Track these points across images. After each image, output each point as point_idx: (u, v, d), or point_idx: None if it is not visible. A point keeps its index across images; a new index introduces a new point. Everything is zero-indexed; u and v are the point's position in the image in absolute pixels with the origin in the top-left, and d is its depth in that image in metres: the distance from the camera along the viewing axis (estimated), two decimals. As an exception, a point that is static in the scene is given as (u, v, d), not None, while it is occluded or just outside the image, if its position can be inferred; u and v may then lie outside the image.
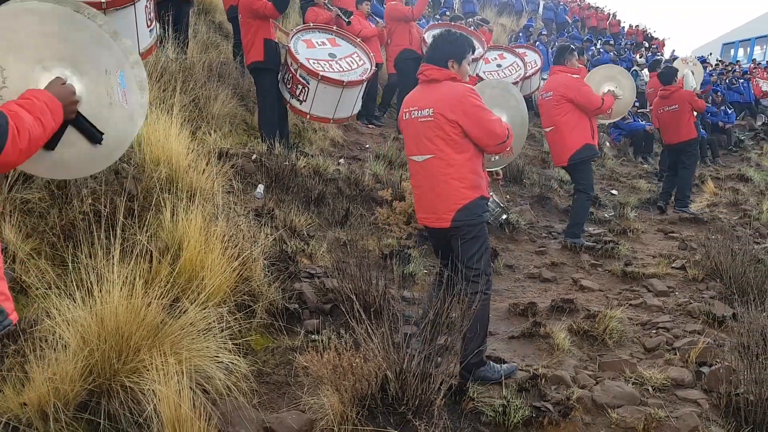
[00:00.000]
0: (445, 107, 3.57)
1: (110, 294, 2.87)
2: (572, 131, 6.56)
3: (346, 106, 6.73)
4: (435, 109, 3.60)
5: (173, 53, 6.47)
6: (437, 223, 3.72)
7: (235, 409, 2.94)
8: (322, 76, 6.31)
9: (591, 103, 6.60)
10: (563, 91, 6.57)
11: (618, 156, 12.51)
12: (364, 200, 6.51)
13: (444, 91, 3.63)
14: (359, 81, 6.59)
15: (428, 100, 3.66)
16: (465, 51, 3.77)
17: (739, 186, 11.03)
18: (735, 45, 35.30)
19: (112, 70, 2.50)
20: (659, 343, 4.31)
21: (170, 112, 4.68)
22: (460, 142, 3.60)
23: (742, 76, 18.98)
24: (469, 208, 3.62)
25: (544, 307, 4.98)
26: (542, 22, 22.92)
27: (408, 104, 3.79)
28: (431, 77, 3.70)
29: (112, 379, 2.76)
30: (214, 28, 9.32)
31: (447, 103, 3.58)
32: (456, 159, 3.60)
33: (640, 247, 7.26)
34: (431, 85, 3.71)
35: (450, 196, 3.62)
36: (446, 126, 3.57)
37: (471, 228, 3.65)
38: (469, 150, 3.63)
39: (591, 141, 6.67)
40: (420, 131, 3.68)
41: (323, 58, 6.68)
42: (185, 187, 4.21)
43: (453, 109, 3.56)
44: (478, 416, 3.22)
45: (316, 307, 4.18)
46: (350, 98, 6.68)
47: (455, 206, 3.61)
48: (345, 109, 6.74)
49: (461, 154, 3.61)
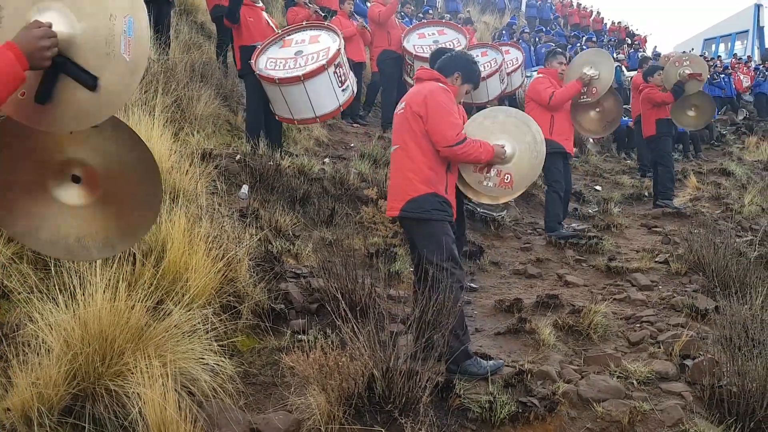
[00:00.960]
0: (413, 100, 3.79)
1: (93, 297, 2.86)
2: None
3: (324, 99, 6.37)
4: (406, 103, 3.84)
5: (155, 54, 6.42)
6: (390, 212, 3.92)
7: (222, 410, 2.93)
8: (278, 79, 6.19)
9: (541, 100, 6.91)
10: (527, 92, 7.20)
11: (601, 152, 12.60)
12: (350, 199, 6.51)
13: (421, 87, 3.86)
14: (317, 70, 6.18)
15: (407, 96, 3.94)
16: (473, 76, 4.03)
17: (721, 180, 11.14)
18: (716, 41, 35.61)
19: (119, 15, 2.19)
20: (643, 336, 4.34)
21: (152, 113, 4.65)
22: (421, 137, 3.76)
23: (723, 72, 19.17)
24: (417, 201, 3.73)
25: (530, 303, 5.01)
26: (525, 19, 23.02)
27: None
28: (419, 76, 3.98)
29: (96, 383, 2.75)
30: (196, 29, 9.27)
31: (416, 97, 3.80)
32: (415, 153, 3.77)
33: (624, 242, 7.32)
34: (417, 83, 3.96)
35: (402, 187, 3.79)
36: (411, 118, 3.77)
37: (420, 224, 3.77)
38: (430, 146, 3.78)
39: (552, 137, 6.76)
40: (396, 123, 3.95)
41: (289, 57, 6.51)
42: (168, 189, 4.19)
43: (419, 102, 3.75)
44: (464, 413, 3.24)
45: (303, 307, 4.17)
46: (320, 90, 6.32)
47: (406, 197, 3.76)
48: (325, 103, 6.39)
49: (421, 149, 3.76)
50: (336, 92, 6.44)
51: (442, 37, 9.75)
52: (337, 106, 6.53)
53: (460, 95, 4.02)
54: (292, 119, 6.51)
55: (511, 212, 7.70)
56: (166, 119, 5.03)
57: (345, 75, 6.53)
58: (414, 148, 3.76)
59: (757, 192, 10.03)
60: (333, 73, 6.34)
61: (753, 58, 27.60)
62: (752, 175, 12.05)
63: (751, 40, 32.66)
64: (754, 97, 19.13)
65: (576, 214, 8.38)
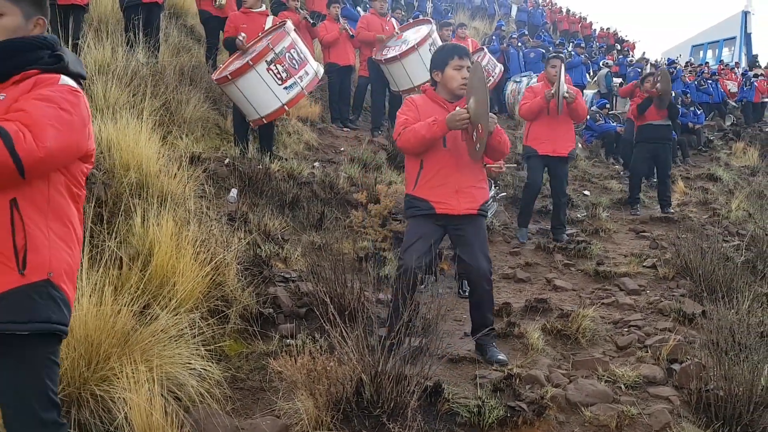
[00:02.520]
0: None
1: (79, 302, 2.83)
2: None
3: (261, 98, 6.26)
4: None
5: (144, 57, 6.40)
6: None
7: (208, 415, 2.91)
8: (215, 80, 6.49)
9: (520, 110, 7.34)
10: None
11: (590, 157, 12.65)
12: (339, 203, 6.50)
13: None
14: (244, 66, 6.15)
15: None
16: (445, 57, 3.93)
17: (709, 185, 11.22)
18: (704, 47, 35.94)
19: None
20: (631, 341, 4.36)
21: (140, 116, 4.63)
22: None
23: (710, 78, 19.33)
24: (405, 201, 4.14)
25: (519, 307, 5.02)
26: (515, 24, 23.12)
27: None
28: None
29: (81, 388, 2.72)
30: (185, 32, 9.25)
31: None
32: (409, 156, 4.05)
33: (612, 247, 7.35)
34: None
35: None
36: None
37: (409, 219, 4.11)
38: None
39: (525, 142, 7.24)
40: None
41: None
42: (156, 192, 4.16)
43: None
44: (453, 417, 3.23)
45: (291, 312, 4.15)
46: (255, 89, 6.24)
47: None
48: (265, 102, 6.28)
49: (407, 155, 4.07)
50: (274, 90, 6.23)
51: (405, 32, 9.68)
52: (279, 105, 6.31)
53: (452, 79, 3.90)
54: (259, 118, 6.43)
55: (500, 217, 7.71)
56: (155, 122, 5.01)
57: (287, 71, 6.26)
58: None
59: (744, 197, 10.12)
60: (266, 70, 6.17)
61: (740, 64, 27.86)
62: (739, 180, 12.15)
63: (738, 46, 32.98)
64: (742, 104, 19.29)
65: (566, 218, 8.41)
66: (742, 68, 24.66)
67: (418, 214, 3.92)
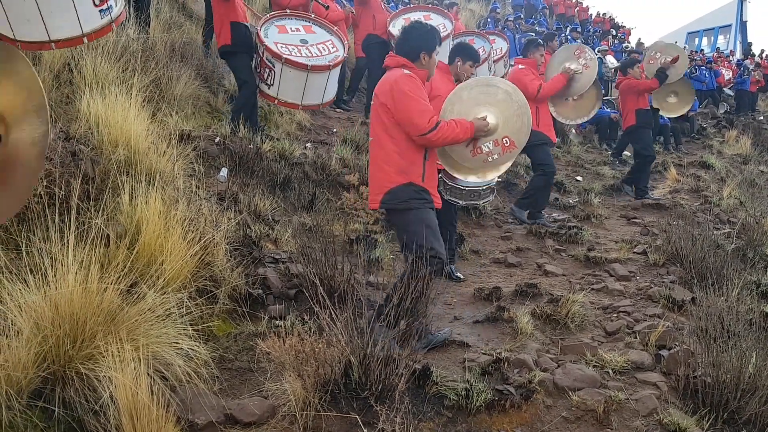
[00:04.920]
0: (381, 91, 3.80)
1: (65, 279, 2.79)
2: None
3: (314, 92, 6.57)
4: (375, 93, 3.85)
5: (134, 33, 6.29)
6: (371, 204, 3.93)
7: (195, 395, 2.89)
8: (285, 59, 6.21)
9: (527, 91, 6.83)
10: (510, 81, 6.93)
11: (583, 143, 12.65)
12: (331, 185, 6.46)
13: (386, 77, 3.83)
14: (325, 66, 6.47)
15: (377, 86, 3.90)
16: (435, 44, 3.94)
17: (701, 173, 11.24)
18: (699, 34, 35.88)
19: None
20: (620, 326, 4.37)
21: (129, 92, 4.55)
22: (391, 127, 3.76)
23: (705, 65, 19.30)
24: (394, 193, 3.77)
25: (509, 291, 5.01)
26: (512, 8, 22.94)
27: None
28: (386, 64, 3.92)
29: (66, 366, 2.69)
30: (177, 8, 9.10)
31: (382, 88, 3.80)
32: (387, 143, 3.78)
33: (603, 233, 7.36)
34: (386, 72, 3.90)
35: (380, 179, 3.82)
36: (380, 110, 3.79)
37: (400, 213, 3.83)
38: (402, 135, 3.76)
39: (537, 128, 6.84)
40: (371, 115, 3.96)
41: (293, 43, 6.56)
42: (144, 170, 4.11)
43: (385, 93, 3.75)
44: (441, 400, 3.22)
45: (281, 293, 4.13)
46: (318, 84, 6.54)
47: (383, 189, 3.80)
48: (313, 96, 6.59)
49: (393, 139, 3.76)
50: (327, 90, 6.65)
51: (428, 22, 9.68)
52: (320, 102, 6.75)
53: (434, 66, 4.01)
54: (273, 97, 6.52)
55: (492, 201, 7.70)
56: (144, 99, 4.93)
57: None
58: (386, 139, 3.77)
59: (735, 185, 10.15)
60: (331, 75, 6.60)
61: (735, 52, 27.84)
62: (731, 168, 12.19)
63: (733, 34, 32.95)
64: (736, 93, 19.29)
65: (557, 204, 8.41)
66: (737, 57, 24.65)
67: (427, 206, 3.85)
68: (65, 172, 3.69)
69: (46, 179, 3.54)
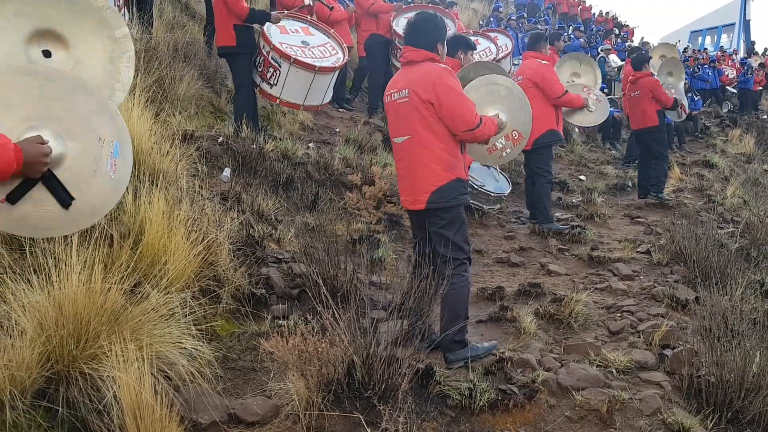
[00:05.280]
0: (420, 87, 3.60)
1: (69, 279, 2.80)
2: (539, 115, 6.69)
3: (317, 94, 6.60)
4: (410, 90, 3.63)
5: (137, 33, 6.30)
6: (414, 205, 3.75)
7: (199, 395, 2.90)
8: (294, 60, 6.22)
9: (553, 91, 6.82)
10: (530, 75, 6.82)
11: (586, 142, 12.63)
12: (334, 184, 6.46)
13: (421, 72, 3.65)
14: (331, 68, 6.49)
15: (405, 82, 3.70)
16: (446, 33, 3.88)
17: (704, 172, 11.23)
18: (702, 33, 35.79)
19: (107, 140, 2.56)
20: (623, 326, 4.36)
21: (132, 92, 4.55)
22: (434, 123, 3.62)
23: (708, 64, 19.25)
24: (444, 190, 3.64)
25: (512, 291, 5.01)
26: (514, 6, 22.93)
27: (389, 86, 3.85)
28: (409, 59, 3.73)
29: (70, 366, 2.70)
30: (180, 8, 9.11)
31: (422, 83, 3.60)
32: (431, 140, 3.63)
33: (607, 232, 7.35)
34: (410, 67, 3.74)
35: (426, 178, 3.65)
36: (420, 106, 3.60)
37: (446, 211, 3.69)
38: (445, 131, 3.65)
39: (555, 127, 6.90)
40: (399, 112, 3.72)
41: (296, 44, 6.59)
42: (148, 170, 4.12)
43: (427, 89, 3.58)
44: (444, 399, 3.23)
45: (284, 293, 4.13)
46: (322, 85, 6.58)
47: (431, 188, 3.64)
48: (316, 97, 6.61)
49: (436, 135, 3.63)
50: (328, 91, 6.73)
51: None
52: (321, 103, 6.79)
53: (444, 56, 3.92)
54: (276, 97, 6.52)
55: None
56: (147, 99, 4.94)
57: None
58: (428, 137, 3.62)
59: (739, 184, 10.13)
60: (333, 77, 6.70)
61: (738, 51, 27.76)
62: (735, 167, 12.16)
63: (737, 33, 32.86)
64: (739, 91, 19.24)
65: (560, 204, 8.40)
66: (740, 55, 24.58)
67: (468, 201, 3.86)
68: (69, 172, 3.69)
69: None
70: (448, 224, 3.70)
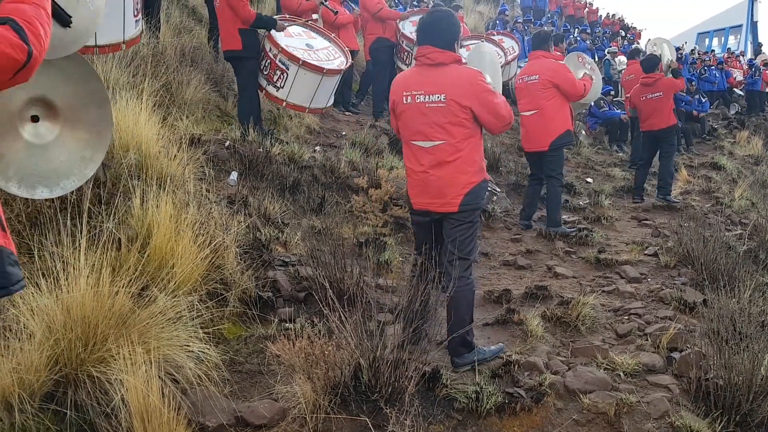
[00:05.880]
0: (459, 93, 3.54)
1: (77, 282, 2.82)
2: (556, 116, 6.72)
3: (323, 96, 6.64)
4: (448, 95, 3.54)
5: (144, 38, 6.33)
6: (444, 208, 3.68)
7: (206, 398, 2.91)
8: (303, 62, 6.24)
9: (576, 90, 6.77)
10: (550, 76, 6.69)
11: (593, 144, 12.59)
12: (340, 188, 6.47)
13: (455, 75, 3.58)
14: (338, 70, 6.53)
15: (438, 85, 3.58)
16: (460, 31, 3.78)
17: (712, 174, 11.18)
18: (709, 35, 35.69)
19: None
20: (631, 329, 4.34)
21: (140, 96, 4.58)
22: (470, 127, 3.61)
23: (716, 66, 19.17)
24: (475, 192, 3.67)
25: (519, 294, 5.00)
26: (520, 9, 22.92)
27: (407, 87, 3.69)
28: (437, 60, 3.60)
29: (78, 369, 2.72)
30: (187, 13, 9.17)
31: (460, 89, 3.55)
32: (465, 144, 3.62)
33: (614, 235, 7.32)
34: (437, 68, 3.61)
35: (460, 180, 3.63)
36: (459, 112, 3.55)
37: (473, 213, 3.72)
38: (477, 134, 3.68)
39: (570, 127, 6.89)
40: (427, 117, 3.61)
41: (301, 47, 6.61)
42: (155, 174, 4.13)
43: (466, 94, 3.54)
44: (451, 403, 3.22)
45: (290, 296, 4.14)
46: (327, 88, 6.61)
47: (464, 190, 3.63)
48: (321, 99, 6.65)
49: (470, 139, 3.63)
50: (332, 94, 6.75)
51: None
52: (325, 106, 6.86)
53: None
54: (282, 100, 6.54)
55: (502, 203, 7.68)
56: (155, 103, 4.96)
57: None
58: (462, 140, 3.60)
59: (747, 186, 10.08)
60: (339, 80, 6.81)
61: (746, 53, 27.65)
62: (743, 169, 12.11)
63: (744, 34, 32.74)
64: (746, 93, 19.16)
65: (567, 206, 8.38)
66: (747, 57, 24.48)
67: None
68: (77, 176, 3.72)
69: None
70: (470, 224, 3.72)
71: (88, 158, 3.20)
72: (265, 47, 6.52)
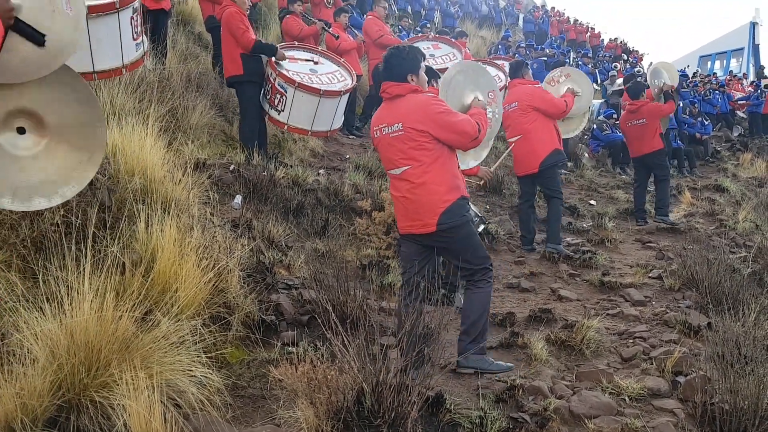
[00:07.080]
0: (414, 119, 3.73)
1: (80, 307, 2.83)
2: (541, 138, 6.86)
3: (324, 119, 6.66)
4: (404, 123, 3.75)
5: (151, 64, 6.42)
6: (423, 229, 3.83)
7: (208, 423, 2.89)
8: (298, 84, 6.32)
9: (557, 108, 6.93)
10: (528, 100, 6.91)
11: (596, 167, 12.61)
12: (344, 210, 6.49)
13: (410, 104, 3.78)
14: (337, 92, 6.57)
15: (395, 116, 3.80)
16: (419, 62, 3.94)
17: (716, 196, 11.16)
18: (712, 58, 35.88)
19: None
20: (636, 352, 4.32)
21: (146, 122, 4.63)
22: (432, 149, 3.75)
23: (718, 88, 19.24)
24: (452, 210, 3.77)
25: (523, 317, 4.99)
26: (523, 34, 23.14)
27: (377, 122, 3.94)
28: (394, 93, 3.84)
29: (81, 394, 2.72)
30: (193, 39, 9.28)
31: (414, 115, 3.74)
32: (432, 165, 3.76)
33: (618, 257, 7.31)
34: (396, 101, 3.85)
35: (432, 201, 3.76)
36: (418, 137, 3.73)
37: (458, 229, 3.81)
38: (443, 154, 3.80)
39: (558, 146, 6.99)
40: (393, 146, 3.82)
41: (304, 72, 6.69)
42: (160, 198, 4.16)
43: (421, 119, 3.72)
44: (454, 428, 3.20)
45: (294, 319, 4.14)
46: (328, 110, 6.64)
47: (439, 209, 3.75)
48: (323, 123, 6.68)
49: (436, 160, 3.76)
50: (336, 117, 6.80)
51: (437, 51, 9.78)
52: (329, 129, 6.89)
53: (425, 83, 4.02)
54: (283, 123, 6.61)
55: (505, 225, 7.69)
56: (160, 128, 5.01)
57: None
58: (428, 162, 3.74)
59: (751, 209, 10.06)
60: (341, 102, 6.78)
61: (748, 75, 27.78)
62: (747, 191, 12.09)
63: (746, 57, 32.92)
64: (749, 115, 19.19)
65: (570, 228, 8.37)
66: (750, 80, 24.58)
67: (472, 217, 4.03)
68: (82, 200, 3.75)
69: (63, 208, 3.59)
70: (462, 239, 3.84)
71: (86, 160, 3.18)
72: (267, 72, 6.60)
